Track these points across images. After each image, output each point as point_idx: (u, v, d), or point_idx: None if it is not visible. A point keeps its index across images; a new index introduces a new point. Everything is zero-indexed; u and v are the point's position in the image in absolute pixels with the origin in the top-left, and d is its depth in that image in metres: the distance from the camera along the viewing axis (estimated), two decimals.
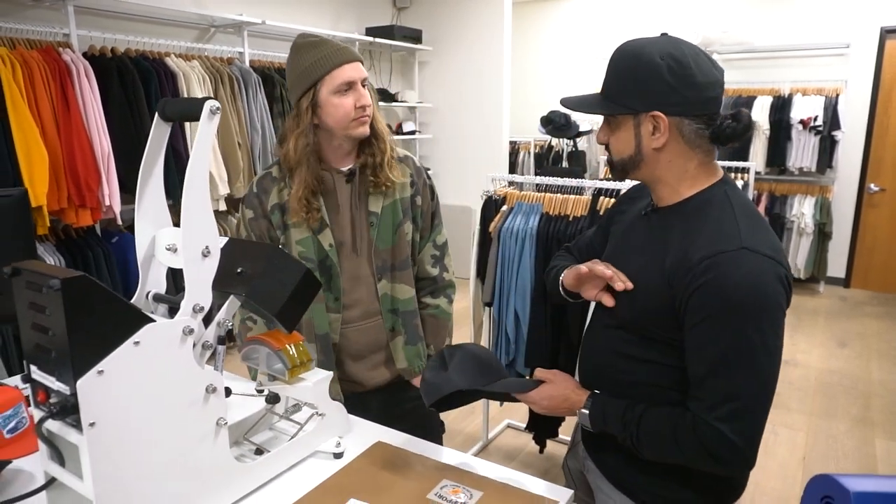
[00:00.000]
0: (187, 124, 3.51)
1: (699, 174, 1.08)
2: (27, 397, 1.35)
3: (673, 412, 1.05)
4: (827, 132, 5.22)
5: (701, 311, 0.98)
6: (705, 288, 0.97)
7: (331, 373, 1.23)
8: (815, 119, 5.20)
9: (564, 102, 1.12)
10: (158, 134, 1.04)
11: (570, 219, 2.46)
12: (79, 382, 0.81)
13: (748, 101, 5.46)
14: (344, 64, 1.41)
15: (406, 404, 1.62)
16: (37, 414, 0.88)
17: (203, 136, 0.96)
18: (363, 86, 1.45)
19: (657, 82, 1.01)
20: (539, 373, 1.22)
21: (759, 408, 0.99)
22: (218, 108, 0.96)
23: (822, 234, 5.44)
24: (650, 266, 1.07)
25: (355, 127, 1.45)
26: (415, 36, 5.44)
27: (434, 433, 1.66)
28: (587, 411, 1.13)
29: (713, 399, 0.99)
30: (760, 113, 5.38)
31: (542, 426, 2.64)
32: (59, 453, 0.90)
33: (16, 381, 1.53)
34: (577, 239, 1.44)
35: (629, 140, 1.07)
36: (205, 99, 0.95)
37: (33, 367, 0.87)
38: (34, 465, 1.17)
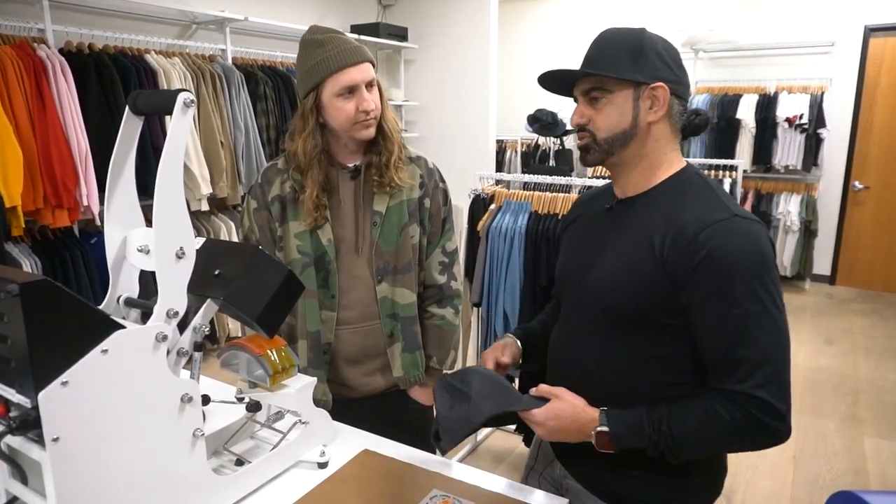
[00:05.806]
0: (169, 122, 3.43)
1: (673, 159, 1.11)
2: None
3: (698, 402, 1.00)
4: (812, 130, 5.24)
5: (707, 282, 0.98)
6: (709, 258, 0.97)
7: (314, 379, 1.18)
8: (801, 117, 5.21)
9: (549, 73, 1.15)
10: (129, 129, 0.99)
11: (560, 217, 2.42)
12: (40, 395, 0.76)
13: (734, 99, 5.47)
14: (347, 67, 1.36)
15: (401, 415, 1.55)
16: None
17: (176, 131, 0.91)
18: (369, 87, 1.40)
19: (657, 58, 1.05)
20: (543, 389, 1.10)
21: (786, 365, 0.99)
22: (192, 101, 0.91)
23: (808, 231, 5.47)
24: (636, 253, 1.05)
25: (358, 130, 1.41)
26: (400, 34, 5.38)
27: (430, 446, 1.61)
28: (606, 428, 1.02)
29: (745, 369, 0.96)
30: (746, 111, 5.38)
31: (531, 429, 2.60)
32: (21, 471, 0.84)
33: None
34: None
35: (626, 113, 1.06)
36: (178, 91, 0.90)
37: None
38: None
